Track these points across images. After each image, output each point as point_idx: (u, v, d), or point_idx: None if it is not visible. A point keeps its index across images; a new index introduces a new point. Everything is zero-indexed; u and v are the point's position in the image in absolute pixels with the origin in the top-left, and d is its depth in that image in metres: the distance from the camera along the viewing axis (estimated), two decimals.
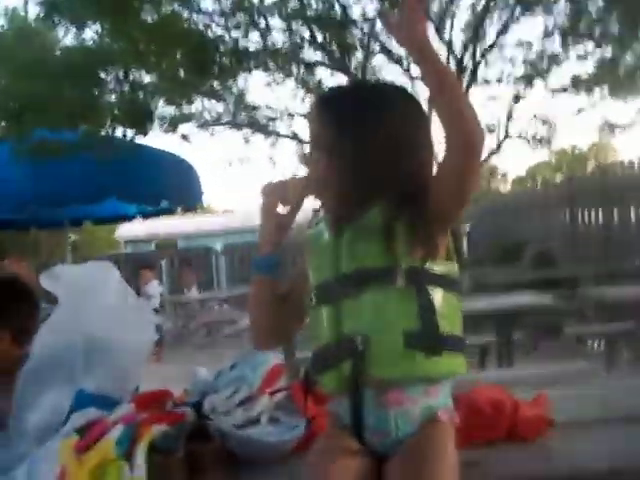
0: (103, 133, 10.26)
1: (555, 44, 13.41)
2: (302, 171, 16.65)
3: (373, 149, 1.85)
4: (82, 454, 1.72)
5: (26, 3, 13.92)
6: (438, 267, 1.83)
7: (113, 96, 10.94)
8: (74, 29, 10.27)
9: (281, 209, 1.97)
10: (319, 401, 2.04)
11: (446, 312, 1.81)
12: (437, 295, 1.80)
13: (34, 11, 11.41)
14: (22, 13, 19.80)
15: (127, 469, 1.71)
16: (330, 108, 1.93)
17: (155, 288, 12.70)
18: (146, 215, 11.87)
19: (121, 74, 10.71)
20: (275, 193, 1.97)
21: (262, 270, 2.01)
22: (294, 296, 1.99)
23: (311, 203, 2.02)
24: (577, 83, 13.63)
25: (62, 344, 2.11)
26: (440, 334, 1.78)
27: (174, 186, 9.62)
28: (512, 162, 75.14)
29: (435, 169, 1.85)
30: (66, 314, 2.16)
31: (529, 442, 1.93)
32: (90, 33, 10.41)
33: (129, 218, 12.35)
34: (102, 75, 10.55)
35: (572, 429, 2.01)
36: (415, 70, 13.36)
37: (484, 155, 15.14)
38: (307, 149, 1.95)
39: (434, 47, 1.71)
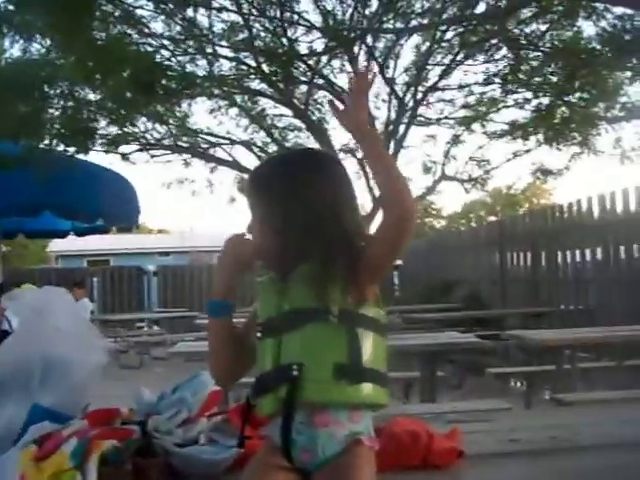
0: (43, 147, 10.19)
1: (495, 90, 13.80)
2: (239, 197, 16.65)
3: (299, 218, 2.08)
4: (40, 463, 1.88)
5: None
6: (368, 311, 2.05)
7: (56, 111, 10.87)
8: (22, 41, 10.25)
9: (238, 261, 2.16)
10: (255, 425, 2.23)
11: (371, 350, 2.02)
12: (364, 334, 2.02)
13: None
14: None
15: (80, 478, 1.87)
16: (260, 185, 2.17)
17: (85, 306, 12.62)
18: (80, 232, 11.68)
19: (66, 90, 10.64)
20: (238, 247, 2.17)
21: (215, 314, 2.19)
22: (250, 336, 2.18)
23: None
24: (514, 129, 14.02)
25: (20, 361, 2.24)
26: (364, 367, 1.99)
27: (111, 204, 9.49)
28: (448, 198, 76.16)
29: (372, 231, 2.11)
30: (25, 333, 2.30)
31: (441, 470, 2.13)
32: (37, 46, 10.38)
33: (63, 234, 12.13)
34: (47, 89, 10.48)
35: (481, 460, 2.22)
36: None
37: (420, 193, 15.34)
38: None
39: (375, 132, 2.00)
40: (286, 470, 1.94)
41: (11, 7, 9.33)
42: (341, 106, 2.10)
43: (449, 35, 13.05)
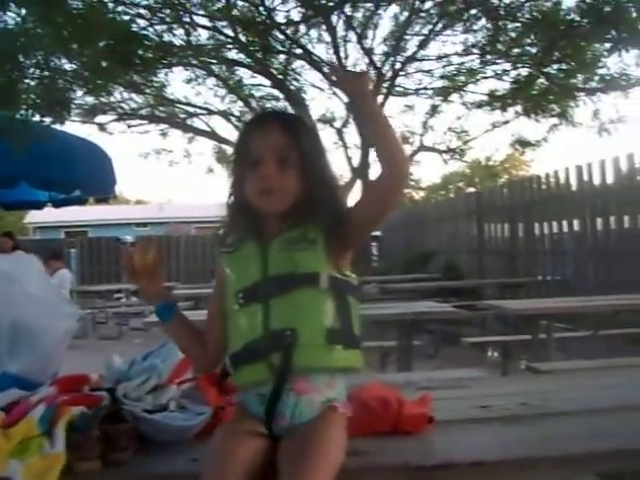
0: (19, 117, 10.11)
1: (474, 61, 13.77)
2: (218, 167, 16.58)
3: (326, 172, 2.13)
4: (7, 430, 1.87)
5: None
6: (347, 276, 2.09)
7: (32, 81, 10.77)
8: None
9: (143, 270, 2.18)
10: (225, 393, 2.24)
11: (354, 315, 2.07)
12: (350, 300, 2.07)
13: None
14: None
15: (48, 444, 1.86)
16: (296, 127, 2.13)
17: (64, 277, 12.57)
18: (57, 204, 11.61)
19: (42, 60, 10.53)
20: (140, 253, 2.17)
21: (163, 318, 2.22)
22: (217, 323, 2.18)
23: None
24: (493, 100, 14.01)
25: None
26: (353, 333, 2.05)
27: (87, 174, 9.43)
28: (427, 170, 76.30)
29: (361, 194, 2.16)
30: None
31: (411, 436, 2.14)
32: (12, 15, 10.25)
33: (40, 205, 12.04)
34: (22, 59, 10.37)
35: (452, 426, 2.24)
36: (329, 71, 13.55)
37: None
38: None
39: (373, 97, 2.02)
40: (257, 436, 1.95)
41: None
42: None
43: (428, 5, 12.97)
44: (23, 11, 9.89)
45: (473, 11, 12.55)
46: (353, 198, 2.17)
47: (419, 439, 2.15)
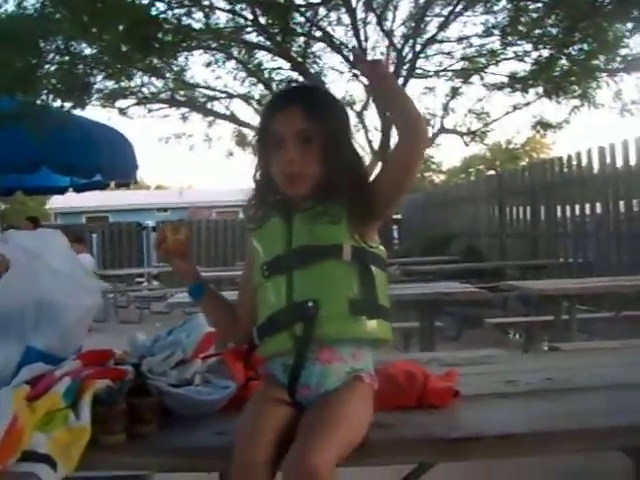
0: (40, 103, 10.15)
1: (494, 42, 13.64)
2: (238, 151, 16.58)
3: (350, 149, 2.15)
4: (33, 402, 1.87)
5: None
6: (373, 248, 2.10)
7: (52, 67, 10.80)
8: None
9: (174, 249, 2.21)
10: (250, 367, 2.25)
11: (380, 286, 2.07)
12: (374, 271, 2.07)
13: None
14: None
15: (73, 417, 1.86)
16: (318, 106, 2.13)
17: (86, 260, 12.62)
18: (78, 188, 11.67)
19: (62, 45, 10.56)
20: (170, 234, 2.20)
21: (195, 297, 2.26)
22: (247, 299, 2.21)
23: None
24: (514, 81, 13.88)
25: (14, 304, 2.23)
26: (377, 303, 2.05)
27: (108, 159, 9.50)
28: (447, 153, 75.98)
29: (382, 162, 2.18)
30: (18, 276, 2.28)
31: (437, 409, 2.14)
32: (32, 1, 10.29)
33: (61, 190, 12.11)
34: (42, 44, 10.40)
35: (477, 400, 2.23)
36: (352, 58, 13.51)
37: None
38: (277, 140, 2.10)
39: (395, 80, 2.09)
40: (285, 404, 1.97)
41: None
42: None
43: None
44: None
45: None
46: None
47: (445, 413, 2.14)
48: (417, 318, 6.13)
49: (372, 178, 2.13)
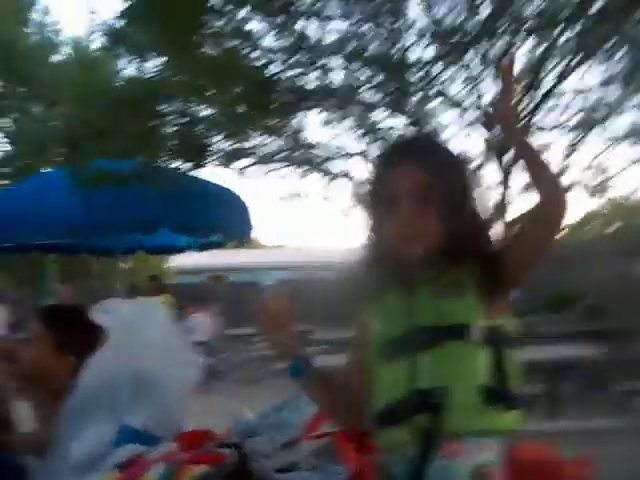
0: (159, 164, 10.37)
1: (614, 92, 13.28)
2: (355, 210, 16.63)
3: (471, 211, 1.94)
4: None
5: (90, 33, 14.29)
6: (504, 325, 1.89)
7: (171, 128, 11.05)
8: (136, 60, 10.45)
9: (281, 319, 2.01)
10: (364, 451, 2.05)
11: (513, 369, 1.86)
12: (507, 352, 1.86)
13: (98, 41, 11.62)
14: (86, 43, 20.21)
15: None
16: (435, 162, 1.93)
17: (195, 323, 12.76)
18: (196, 247, 11.91)
19: (180, 107, 10.83)
20: (275, 306, 2.02)
21: (297, 375, 2.04)
22: (356, 377, 2.03)
23: None
24: (635, 132, 13.47)
25: (109, 378, 2.13)
26: (512, 391, 1.83)
27: (225, 219, 9.67)
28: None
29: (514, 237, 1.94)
30: (114, 348, 2.19)
31: None
32: (151, 64, 10.56)
33: (179, 250, 12.41)
34: (161, 107, 10.67)
35: None
36: (469, 116, 13.36)
37: None
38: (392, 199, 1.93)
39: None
40: None
41: (122, 25, 9.51)
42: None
43: (565, 37, 12.60)
44: (161, 59, 10.20)
45: (612, 41, 12.12)
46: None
47: None
48: (540, 380, 5.86)
49: (503, 244, 1.95)
